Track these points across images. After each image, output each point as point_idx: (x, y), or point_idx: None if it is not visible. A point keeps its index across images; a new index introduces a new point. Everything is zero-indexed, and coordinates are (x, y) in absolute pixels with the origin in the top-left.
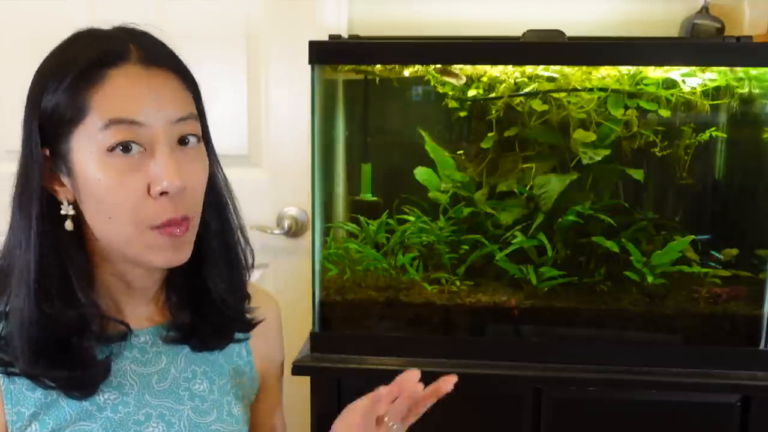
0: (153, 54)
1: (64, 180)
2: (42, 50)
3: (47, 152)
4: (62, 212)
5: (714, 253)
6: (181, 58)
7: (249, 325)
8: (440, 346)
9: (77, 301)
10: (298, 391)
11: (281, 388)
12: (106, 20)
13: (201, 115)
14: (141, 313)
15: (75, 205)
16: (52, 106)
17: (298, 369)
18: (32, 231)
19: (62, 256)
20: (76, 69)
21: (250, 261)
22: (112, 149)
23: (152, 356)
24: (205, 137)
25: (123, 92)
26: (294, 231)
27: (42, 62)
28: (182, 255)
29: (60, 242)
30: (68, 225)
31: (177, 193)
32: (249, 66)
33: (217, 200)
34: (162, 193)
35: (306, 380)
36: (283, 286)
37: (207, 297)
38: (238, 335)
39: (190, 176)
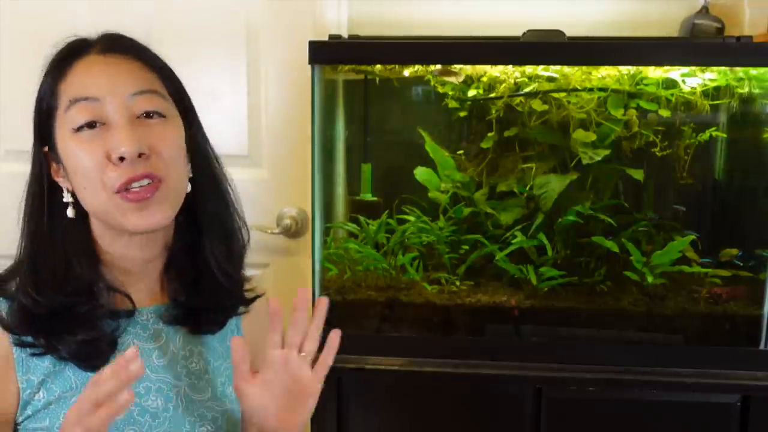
0: (113, 44)
1: (61, 169)
2: (42, 51)
3: (46, 149)
4: (64, 200)
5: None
6: (155, 52)
7: (247, 300)
8: (440, 346)
9: (75, 275)
10: None
11: None
12: (108, 21)
13: (177, 95)
14: (143, 293)
15: (73, 193)
16: (40, 104)
17: None
18: (39, 221)
19: (66, 242)
20: (51, 66)
21: (245, 237)
22: (78, 129)
23: (153, 333)
24: (186, 113)
25: (82, 76)
26: (294, 231)
27: None
28: (152, 218)
29: (65, 231)
30: (70, 212)
31: (137, 158)
32: (249, 66)
33: (210, 173)
34: (121, 159)
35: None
36: (283, 286)
37: (207, 272)
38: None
39: (154, 143)
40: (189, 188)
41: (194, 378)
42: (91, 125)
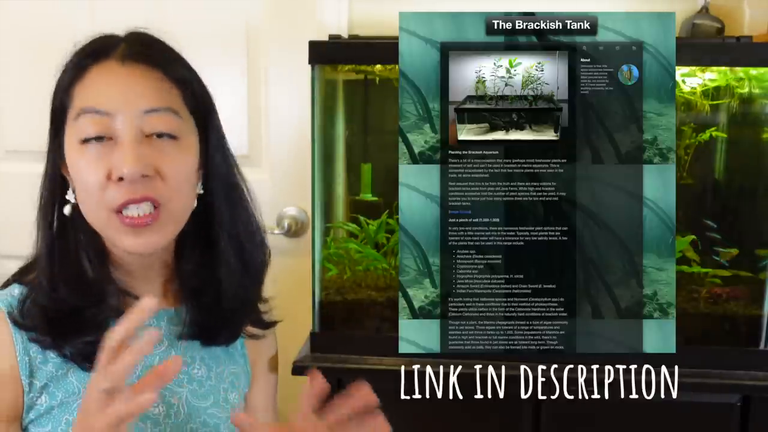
0: (136, 51)
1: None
2: (42, 51)
3: (57, 144)
4: (66, 197)
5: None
6: (183, 60)
7: (265, 324)
8: None
9: (88, 278)
10: (298, 391)
11: (275, 385)
12: (108, 21)
13: (198, 112)
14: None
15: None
16: (55, 101)
17: (298, 369)
18: (49, 213)
19: (75, 237)
20: (71, 62)
21: (266, 255)
22: (85, 141)
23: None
24: (206, 131)
25: (96, 86)
26: (294, 231)
27: None
28: (147, 244)
29: (73, 226)
30: (66, 209)
31: (138, 180)
32: (249, 66)
33: (226, 194)
34: (120, 179)
35: (306, 380)
36: (283, 286)
37: (221, 293)
38: (255, 330)
39: (160, 165)
40: (195, 205)
41: (196, 384)
42: (98, 138)
